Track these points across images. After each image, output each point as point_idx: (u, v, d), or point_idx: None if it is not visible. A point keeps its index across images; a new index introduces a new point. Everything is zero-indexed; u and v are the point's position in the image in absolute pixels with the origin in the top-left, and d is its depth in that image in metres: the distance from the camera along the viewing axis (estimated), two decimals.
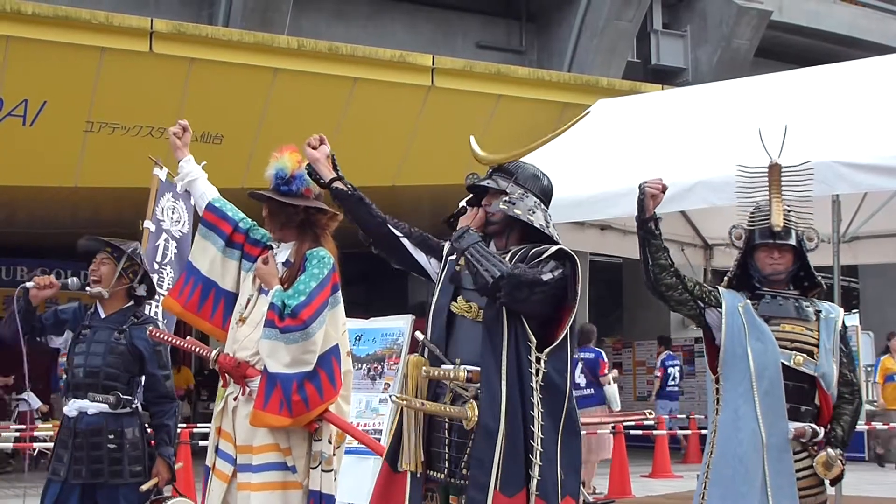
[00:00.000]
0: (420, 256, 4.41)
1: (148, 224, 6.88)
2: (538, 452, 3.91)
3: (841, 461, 4.45)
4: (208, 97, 13.08)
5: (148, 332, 5.01)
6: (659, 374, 17.80)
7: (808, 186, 4.66)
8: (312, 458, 4.70)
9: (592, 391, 11.75)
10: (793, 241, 4.59)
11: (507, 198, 4.14)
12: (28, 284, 5.15)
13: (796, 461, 4.44)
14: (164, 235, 6.97)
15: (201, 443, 12.05)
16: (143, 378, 5.20)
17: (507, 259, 4.04)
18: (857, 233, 8.49)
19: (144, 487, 5.07)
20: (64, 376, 5.27)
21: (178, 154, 5.09)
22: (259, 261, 4.83)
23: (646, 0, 18.91)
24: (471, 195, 4.35)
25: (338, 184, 4.42)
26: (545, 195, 4.27)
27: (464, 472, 3.97)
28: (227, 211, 5.02)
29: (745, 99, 8.89)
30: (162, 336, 5.01)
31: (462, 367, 4.00)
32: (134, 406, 5.15)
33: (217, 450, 4.78)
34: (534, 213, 4.14)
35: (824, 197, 7.21)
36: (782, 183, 4.64)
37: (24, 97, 12.49)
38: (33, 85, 12.49)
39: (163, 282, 6.85)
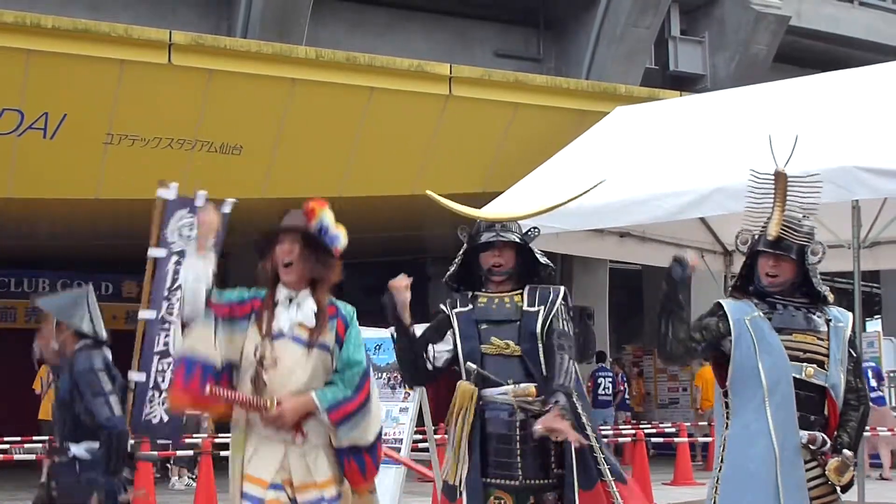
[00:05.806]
0: (440, 348, 4.78)
1: (154, 252, 6.60)
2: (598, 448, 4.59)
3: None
4: (227, 108, 13.12)
5: (209, 390, 4.44)
6: (589, 384, 17.61)
7: (815, 198, 4.56)
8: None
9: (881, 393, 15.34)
10: (792, 254, 4.49)
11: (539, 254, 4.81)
12: None
13: (807, 470, 4.40)
14: (175, 258, 6.74)
15: (222, 453, 12.05)
16: None
17: (537, 296, 4.74)
18: (878, 238, 8.44)
19: None
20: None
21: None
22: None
23: (663, 7, 18.87)
24: (465, 246, 5.00)
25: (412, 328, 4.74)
26: None
27: (555, 470, 4.57)
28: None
29: (763, 105, 8.87)
30: (220, 393, 4.46)
31: (530, 384, 4.58)
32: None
33: (244, 494, 4.46)
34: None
35: (844, 202, 7.18)
36: (788, 193, 4.55)
37: (45, 110, 12.56)
38: (53, 98, 12.56)
39: (173, 309, 6.61)
